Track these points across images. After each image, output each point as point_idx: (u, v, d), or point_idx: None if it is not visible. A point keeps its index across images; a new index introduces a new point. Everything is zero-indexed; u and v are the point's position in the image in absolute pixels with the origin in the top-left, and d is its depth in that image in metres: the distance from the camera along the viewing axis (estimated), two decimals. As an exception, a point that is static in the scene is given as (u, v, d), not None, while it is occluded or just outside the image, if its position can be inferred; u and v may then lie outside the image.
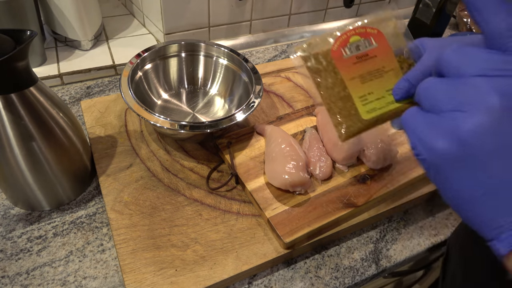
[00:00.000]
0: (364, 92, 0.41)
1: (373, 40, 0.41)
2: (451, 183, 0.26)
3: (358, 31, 0.42)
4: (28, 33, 0.44)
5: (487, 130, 0.23)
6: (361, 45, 0.41)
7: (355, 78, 0.41)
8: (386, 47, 0.41)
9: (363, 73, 0.41)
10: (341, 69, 0.41)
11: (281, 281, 0.51)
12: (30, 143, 0.48)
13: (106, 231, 0.54)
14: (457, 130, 0.24)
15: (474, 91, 0.24)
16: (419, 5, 0.99)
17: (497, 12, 0.25)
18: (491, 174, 0.24)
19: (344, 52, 0.41)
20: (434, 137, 0.25)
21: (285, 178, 0.54)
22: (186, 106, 0.71)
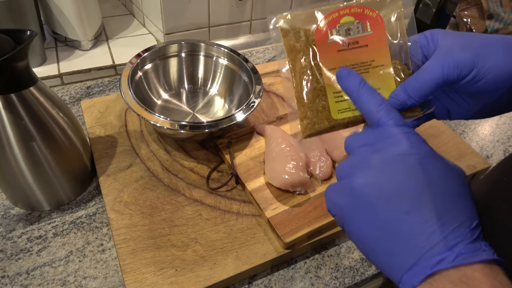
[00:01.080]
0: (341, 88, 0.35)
1: (368, 25, 0.34)
2: (354, 229, 0.30)
3: (354, 11, 0.34)
4: (28, 33, 0.44)
5: (370, 180, 0.29)
6: (353, 29, 0.34)
7: (335, 69, 0.34)
8: (382, 36, 0.35)
9: (347, 65, 0.35)
10: (321, 54, 0.34)
11: (281, 281, 0.51)
12: (30, 143, 0.48)
13: (106, 231, 0.54)
14: (350, 186, 0.30)
15: (359, 156, 0.31)
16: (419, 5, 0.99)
17: (366, 96, 0.32)
18: (381, 218, 0.28)
19: (330, 34, 0.34)
20: (337, 196, 0.31)
21: (285, 178, 0.54)
22: (186, 106, 0.71)
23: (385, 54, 0.35)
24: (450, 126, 0.78)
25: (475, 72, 0.32)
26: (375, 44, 0.34)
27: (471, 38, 0.34)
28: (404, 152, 0.29)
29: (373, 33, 0.34)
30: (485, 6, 1.05)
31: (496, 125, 0.80)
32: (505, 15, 1.07)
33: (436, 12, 0.95)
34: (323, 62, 0.34)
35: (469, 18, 1.08)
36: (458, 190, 0.29)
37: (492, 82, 0.33)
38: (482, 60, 0.32)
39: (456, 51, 0.32)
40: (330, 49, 0.34)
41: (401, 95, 0.34)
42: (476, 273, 0.26)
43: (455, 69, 0.32)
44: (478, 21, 1.08)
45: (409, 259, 0.27)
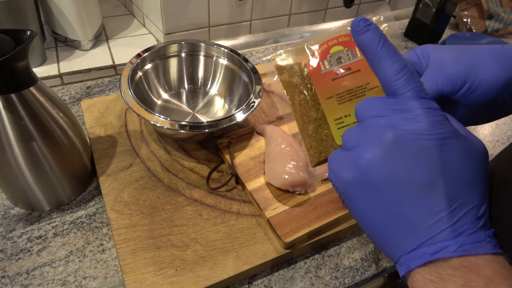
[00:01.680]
0: (341, 114, 0.36)
1: (357, 50, 0.35)
2: (357, 207, 0.29)
3: (342, 40, 0.35)
4: (28, 33, 0.44)
5: (379, 159, 0.27)
6: (344, 57, 0.35)
7: (332, 97, 0.35)
8: None
9: (342, 92, 0.36)
10: (317, 86, 0.35)
11: (281, 281, 0.51)
12: (30, 143, 0.48)
13: (106, 231, 0.54)
14: (357, 161, 0.28)
15: (370, 129, 0.28)
16: (419, 5, 0.99)
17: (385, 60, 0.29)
18: (387, 199, 0.27)
19: (322, 66, 0.35)
20: (341, 169, 0.29)
21: (285, 178, 0.54)
22: (186, 106, 0.71)
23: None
24: (450, 126, 0.78)
25: (468, 85, 0.33)
26: (367, 67, 0.35)
27: (461, 52, 0.34)
28: (421, 132, 0.27)
29: (363, 57, 0.35)
30: (485, 6, 1.05)
31: (496, 125, 0.80)
32: (505, 15, 1.07)
33: (436, 12, 0.95)
34: (319, 93, 0.35)
35: (469, 18, 1.08)
36: (473, 174, 0.27)
37: (485, 93, 0.33)
38: (474, 73, 0.33)
39: (448, 66, 0.33)
40: (324, 80, 0.35)
41: None
42: (479, 260, 0.25)
43: (448, 84, 0.33)
44: (478, 21, 1.08)
45: (411, 242, 0.27)
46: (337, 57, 0.35)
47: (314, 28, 1.05)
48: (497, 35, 1.10)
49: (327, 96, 0.36)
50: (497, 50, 0.34)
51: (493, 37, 1.02)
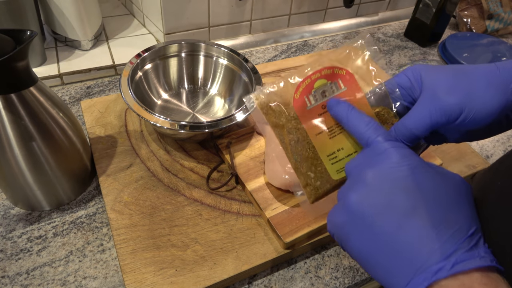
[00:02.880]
0: (333, 149, 0.35)
1: (341, 82, 0.35)
2: (351, 246, 0.30)
3: (324, 73, 0.35)
4: (28, 33, 0.44)
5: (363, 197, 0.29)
6: (328, 90, 0.35)
7: (322, 132, 0.35)
8: (357, 90, 0.35)
9: (331, 126, 0.35)
10: (304, 123, 0.35)
11: (281, 281, 0.51)
12: (30, 143, 0.48)
13: (106, 231, 0.54)
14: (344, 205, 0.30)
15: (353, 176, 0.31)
16: (419, 5, 0.99)
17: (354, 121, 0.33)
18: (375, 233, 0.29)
19: (308, 102, 0.35)
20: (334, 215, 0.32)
21: (285, 178, 0.54)
22: (186, 106, 0.71)
23: (365, 105, 0.35)
24: (450, 126, 0.78)
25: (463, 116, 0.33)
26: (352, 98, 0.35)
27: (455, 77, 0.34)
28: (393, 165, 0.29)
29: (347, 89, 0.35)
30: (485, 6, 1.05)
31: (496, 125, 0.80)
32: (505, 15, 1.07)
33: (436, 12, 0.95)
34: (308, 130, 0.35)
35: (469, 18, 1.08)
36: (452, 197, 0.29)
37: (481, 121, 0.33)
38: (469, 103, 0.33)
39: (442, 96, 0.33)
40: (311, 116, 0.35)
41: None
42: (475, 284, 0.25)
43: (442, 116, 0.33)
44: (478, 21, 1.08)
45: (407, 272, 0.27)
46: (321, 91, 0.35)
47: (314, 28, 1.04)
48: (497, 35, 1.10)
49: (316, 132, 0.35)
50: (492, 74, 0.34)
51: (493, 37, 1.02)
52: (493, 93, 0.33)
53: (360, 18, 1.11)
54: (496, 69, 0.34)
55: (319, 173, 0.36)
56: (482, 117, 0.33)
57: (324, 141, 0.35)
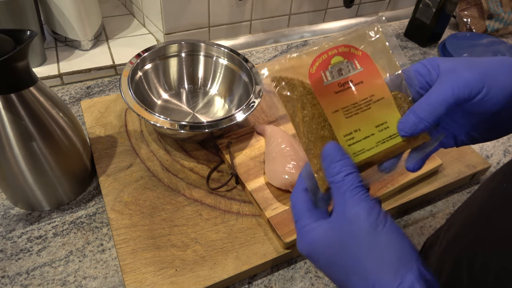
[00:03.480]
0: (350, 129, 0.33)
1: (357, 63, 0.34)
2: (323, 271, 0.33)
3: (341, 51, 0.33)
4: (28, 33, 0.44)
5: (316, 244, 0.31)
6: (344, 69, 0.33)
7: (338, 111, 0.32)
8: (374, 71, 0.34)
9: (348, 105, 0.33)
10: (321, 99, 0.32)
11: (281, 281, 0.51)
12: (30, 143, 0.48)
13: (106, 231, 0.54)
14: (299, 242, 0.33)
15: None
16: (419, 5, 0.99)
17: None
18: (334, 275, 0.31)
19: (324, 77, 0.33)
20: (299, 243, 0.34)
21: (285, 178, 0.54)
22: (186, 106, 0.71)
23: (383, 87, 0.34)
24: (450, 126, 0.78)
25: (485, 91, 0.32)
26: (369, 79, 0.34)
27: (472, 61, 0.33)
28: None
29: (364, 69, 0.34)
30: (485, 6, 1.05)
31: (496, 125, 0.80)
32: (505, 15, 1.07)
33: (436, 12, 0.95)
34: (324, 106, 0.32)
35: (469, 18, 1.08)
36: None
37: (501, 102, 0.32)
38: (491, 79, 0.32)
39: (464, 71, 0.32)
40: (328, 92, 0.33)
41: (411, 119, 0.33)
42: None
43: (465, 88, 0.31)
44: (478, 21, 1.08)
45: None
46: (338, 68, 0.33)
47: (314, 28, 1.05)
48: (497, 35, 1.10)
49: (333, 110, 0.33)
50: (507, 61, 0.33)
51: (493, 37, 1.02)
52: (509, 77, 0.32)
53: (360, 18, 1.11)
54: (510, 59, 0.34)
55: None
56: (500, 98, 0.32)
57: (340, 120, 0.32)
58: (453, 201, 0.64)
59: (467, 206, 0.42)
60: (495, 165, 0.71)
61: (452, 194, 0.65)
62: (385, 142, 0.34)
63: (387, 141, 0.34)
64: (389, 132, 0.34)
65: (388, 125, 0.34)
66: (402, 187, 0.60)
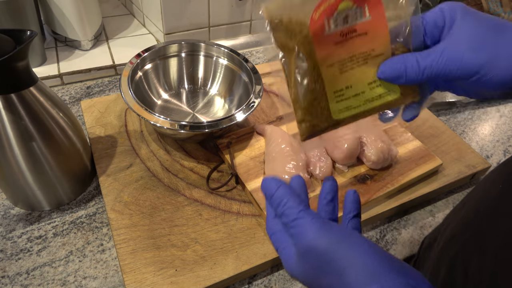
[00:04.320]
0: (342, 85, 0.32)
1: (367, 9, 0.30)
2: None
3: None
4: (28, 33, 0.44)
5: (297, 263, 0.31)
6: (351, 16, 0.30)
7: (334, 65, 0.31)
8: (382, 22, 0.31)
9: (345, 58, 0.31)
10: (318, 50, 0.30)
11: (281, 281, 0.51)
12: (30, 143, 0.48)
13: (106, 231, 0.54)
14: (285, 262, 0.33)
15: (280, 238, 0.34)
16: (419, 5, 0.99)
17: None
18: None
19: (327, 26, 0.29)
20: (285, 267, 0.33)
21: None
22: (186, 106, 0.71)
23: (385, 42, 0.31)
24: (450, 126, 0.78)
25: (478, 76, 0.31)
26: (375, 31, 0.31)
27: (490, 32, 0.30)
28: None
29: (371, 18, 0.30)
30: (485, 6, 1.05)
31: (496, 125, 0.80)
32: (505, 15, 1.07)
33: (436, 12, 0.95)
34: (320, 59, 0.30)
35: (469, 18, 1.08)
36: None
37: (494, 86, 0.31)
38: (489, 66, 0.30)
39: (466, 52, 0.30)
40: (327, 43, 0.30)
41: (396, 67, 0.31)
42: None
43: (458, 70, 0.30)
44: (478, 21, 1.08)
45: None
46: (344, 15, 0.30)
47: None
48: (497, 35, 1.10)
49: (328, 64, 0.31)
50: None
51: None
52: None
53: (360, 18, 1.11)
54: None
55: (320, 109, 0.32)
56: (496, 82, 0.30)
57: (334, 74, 0.31)
58: (453, 201, 0.64)
59: (464, 206, 0.42)
60: (495, 165, 0.71)
61: (452, 194, 0.65)
62: (373, 101, 0.33)
63: (375, 99, 0.33)
64: (379, 91, 0.33)
65: (379, 83, 0.32)
66: (402, 187, 0.60)
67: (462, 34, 0.30)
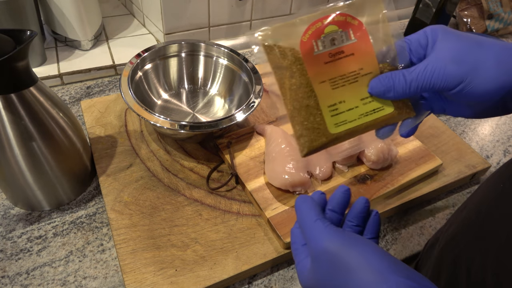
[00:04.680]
0: (335, 100, 0.34)
1: (351, 33, 0.33)
2: None
3: (337, 19, 0.33)
4: (28, 33, 0.44)
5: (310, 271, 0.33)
6: (337, 39, 0.33)
7: (325, 81, 0.34)
8: (367, 43, 0.34)
9: (335, 76, 0.34)
10: (309, 68, 0.33)
11: (281, 281, 0.51)
12: (30, 143, 0.48)
13: (106, 231, 0.54)
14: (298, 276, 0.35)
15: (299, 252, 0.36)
16: (419, 5, 0.99)
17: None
18: None
19: (316, 47, 0.33)
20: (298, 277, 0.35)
21: (285, 178, 0.54)
22: (186, 106, 0.71)
23: (372, 61, 0.34)
24: (450, 126, 0.78)
25: (461, 86, 0.32)
26: (361, 51, 0.34)
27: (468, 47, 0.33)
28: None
29: (357, 41, 0.34)
30: (485, 6, 1.05)
31: (496, 125, 0.80)
32: (505, 15, 1.07)
33: (436, 12, 0.95)
34: (312, 76, 0.33)
35: (469, 18, 1.08)
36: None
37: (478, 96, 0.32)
38: (471, 76, 0.32)
39: (448, 63, 0.32)
40: (317, 62, 0.33)
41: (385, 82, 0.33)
42: None
43: (442, 81, 0.32)
44: (478, 21, 1.08)
45: None
46: (331, 38, 0.33)
47: (314, 28, 1.04)
48: (497, 35, 1.10)
49: (320, 80, 0.33)
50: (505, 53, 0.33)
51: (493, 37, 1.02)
52: (498, 73, 0.32)
53: (360, 18, 1.11)
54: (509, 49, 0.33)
55: (316, 124, 0.34)
56: (480, 92, 0.32)
57: (326, 90, 0.33)
58: (453, 201, 0.64)
59: (465, 207, 0.42)
60: (495, 165, 0.71)
61: (452, 194, 0.65)
62: (368, 115, 0.34)
63: (370, 114, 0.34)
64: (373, 106, 0.35)
65: (372, 99, 0.35)
66: (402, 187, 0.60)
67: (443, 49, 0.33)
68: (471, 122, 0.80)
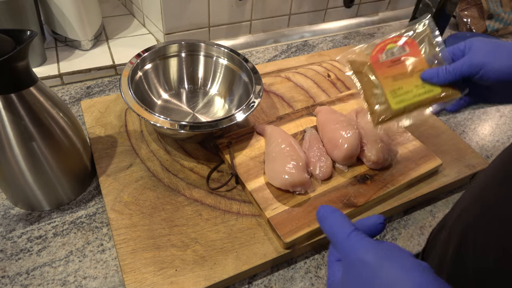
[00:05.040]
0: (395, 87, 0.49)
1: (406, 47, 0.51)
2: None
3: (395, 40, 0.52)
4: (28, 33, 0.44)
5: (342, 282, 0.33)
6: (396, 52, 0.51)
7: (388, 77, 0.50)
8: (418, 53, 0.50)
9: (396, 74, 0.50)
10: (377, 70, 0.50)
11: (281, 281, 0.51)
12: (30, 143, 0.48)
13: (106, 231, 0.54)
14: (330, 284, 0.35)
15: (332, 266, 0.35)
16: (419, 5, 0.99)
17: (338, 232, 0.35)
18: None
19: (380, 57, 0.51)
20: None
21: (285, 178, 0.54)
22: (186, 106, 0.71)
23: (423, 63, 0.49)
24: (450, 126, 0.78)
25: (481, 72, 0.45)
26: (414, 58, 0.50)
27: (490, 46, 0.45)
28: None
29: (410, 51, 0.50)
30: (485, 6, 1.05)
31: (496, 125, 0.80)
32: (505, 15, 1.07)
33: (436, 12, 0.95)
34: (378, 75, 0.50)
35: (469, 18, 1.08)
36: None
37: (496, 80, 0.44)
38: (489, 64, 0.44)
39: (474, 56, 0.45)
40: (382, 66, 0.50)
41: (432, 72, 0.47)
42: None
43: (468, 68, 0.45)
44: (478, 21, 1.08)
45: None
46: (391, 51, 0.51)
47: (314, 28, 1.04)
48: (497, 35, 1.10)
49: (384, 76, 0.50)
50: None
51: (493, 37, 1.02)
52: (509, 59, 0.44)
53: (360, 18, 1.11)
54: None
55: (382, 104, 0.49)
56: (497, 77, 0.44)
57: (389, 82, 0.49)
58: (453, 201, 0.64)
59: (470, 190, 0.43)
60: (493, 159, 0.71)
61: (452, 194, 0.65)
62: (420, 96, 0.48)
63: (421, 95, 0.48)
64: (423, 89, 0.48)
65: (423, 85, 0.48)
66: (402, 187, 0.60)
67: (474, 50, 0.46)
68: (471, 122, 0.80)
